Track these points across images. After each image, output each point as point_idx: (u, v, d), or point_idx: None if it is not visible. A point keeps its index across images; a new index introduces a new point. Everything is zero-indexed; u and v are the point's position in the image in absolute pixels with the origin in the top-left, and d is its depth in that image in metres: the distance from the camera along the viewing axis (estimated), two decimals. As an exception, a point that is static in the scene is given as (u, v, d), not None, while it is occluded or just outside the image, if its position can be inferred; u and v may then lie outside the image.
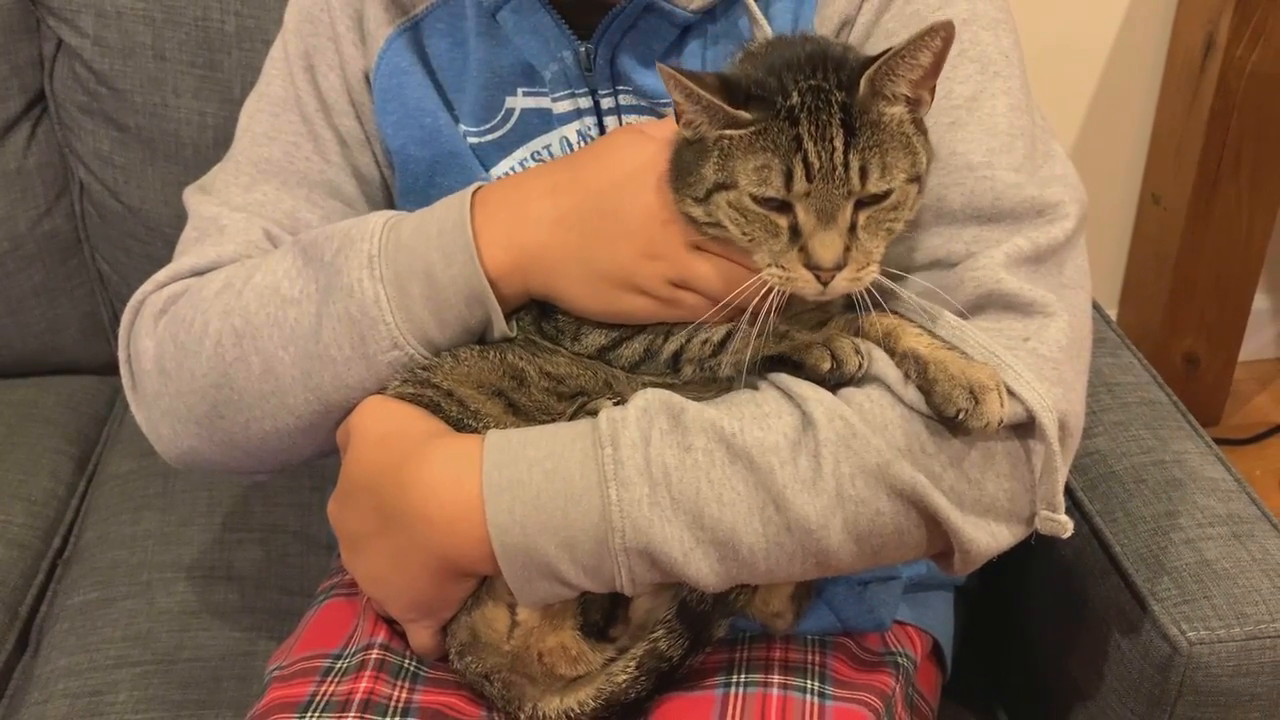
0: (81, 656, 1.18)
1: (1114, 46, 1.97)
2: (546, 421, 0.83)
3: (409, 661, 0.91)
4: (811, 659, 0.92)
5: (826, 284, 0.75)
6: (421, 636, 0.89)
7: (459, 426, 0.84)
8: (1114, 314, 2.18)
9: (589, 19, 0.89)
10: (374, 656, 0.90)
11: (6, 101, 1.44)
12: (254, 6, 1.39)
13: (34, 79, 1.45)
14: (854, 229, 0.75)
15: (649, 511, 0.75)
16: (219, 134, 1.40)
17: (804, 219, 0.74)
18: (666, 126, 0.82)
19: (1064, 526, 0.79)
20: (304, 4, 0.98)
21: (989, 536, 0.79)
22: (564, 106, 0.93)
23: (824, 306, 0.82)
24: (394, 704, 0.87)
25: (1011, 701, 1.18)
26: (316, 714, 0.86)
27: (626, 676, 0.84)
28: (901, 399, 0.77)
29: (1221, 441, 1.45)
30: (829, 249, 0.74)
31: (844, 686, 0.90)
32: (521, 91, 0.94)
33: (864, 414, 0.77)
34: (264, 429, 0.89)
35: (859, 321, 0.81)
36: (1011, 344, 0.78)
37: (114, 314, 1.55)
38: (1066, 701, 1.06)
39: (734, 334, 0.81)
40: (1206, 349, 2.11)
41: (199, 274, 0.93)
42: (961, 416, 0.75)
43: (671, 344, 0.83)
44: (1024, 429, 0.78)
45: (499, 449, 0.79)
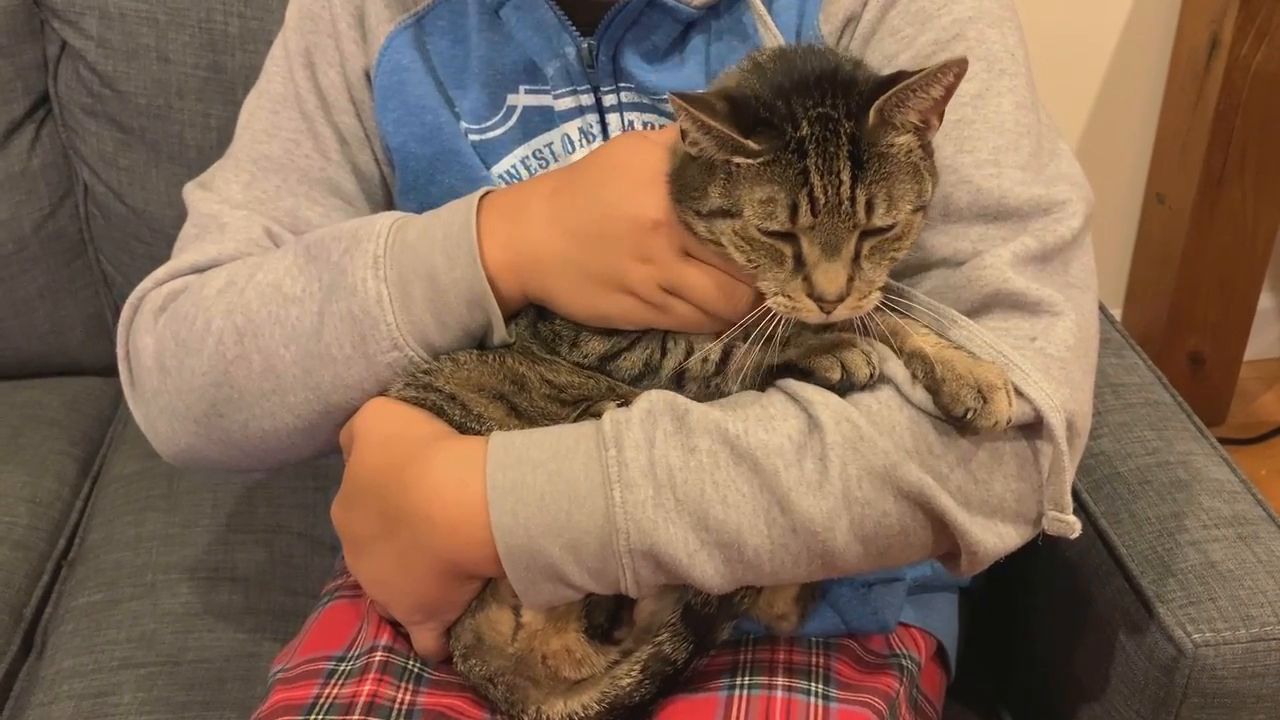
0: (86, 658, 1.18)
1: (1118, 45, 1.96)
2: (549, 425, 0.82)
3: (413, 664, 0.91)
4: (815, 661, 0.91)
5: (829, 312, 0.75)
6: (425, 639, 0.88)
7: (462, 430, 0.84)
8: (1119, 314, 2.17)
9: (591, 15, 0.89)
10: (378, 659, 0.90)
11: (11, 104, 1.44)
12: (257, 8, 1.39)
13: (38, 81, 1.45)
14: (857, 259, 0.75)
15: (653, 513, 0.75)
16: (222, 135, 1.40)
17: (808, 250, 0.74)
18: (669, 134, 0.82)
19: (1072, 527, 0.79)
20: (305, 1, 0.98)
21: (996, 537, 0.79)
22: (566, 103, 0.93)
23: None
24: (398, 706, 0.87)
25: (1016, 703, 1.18)
26: (320, 716, 0.85)
27: (631, 680, 0.84)
28: (909, 399, 0.77)
29: (1227, 442, 1.44)
30: (833, 281, 0.74)
31: (848, 688, 0.90)
32: (523, 89, 0.94)
33: (871, 416, 0.76)
34: (263, 428, 0.89)
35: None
36: (1019, 344, 0.78)
37: (118, 315, 1.53)
38: (1071, 703, 1.06)
39: (734, 351, 0.81)
40: (1211, 349, 2.11)
41: (199, 271, 0.93)
42: (970, 416, 0.75)
43: (670, 360, 0.83)
44: (1031, 429, 0.78)
45: (503, 451, 0.79)
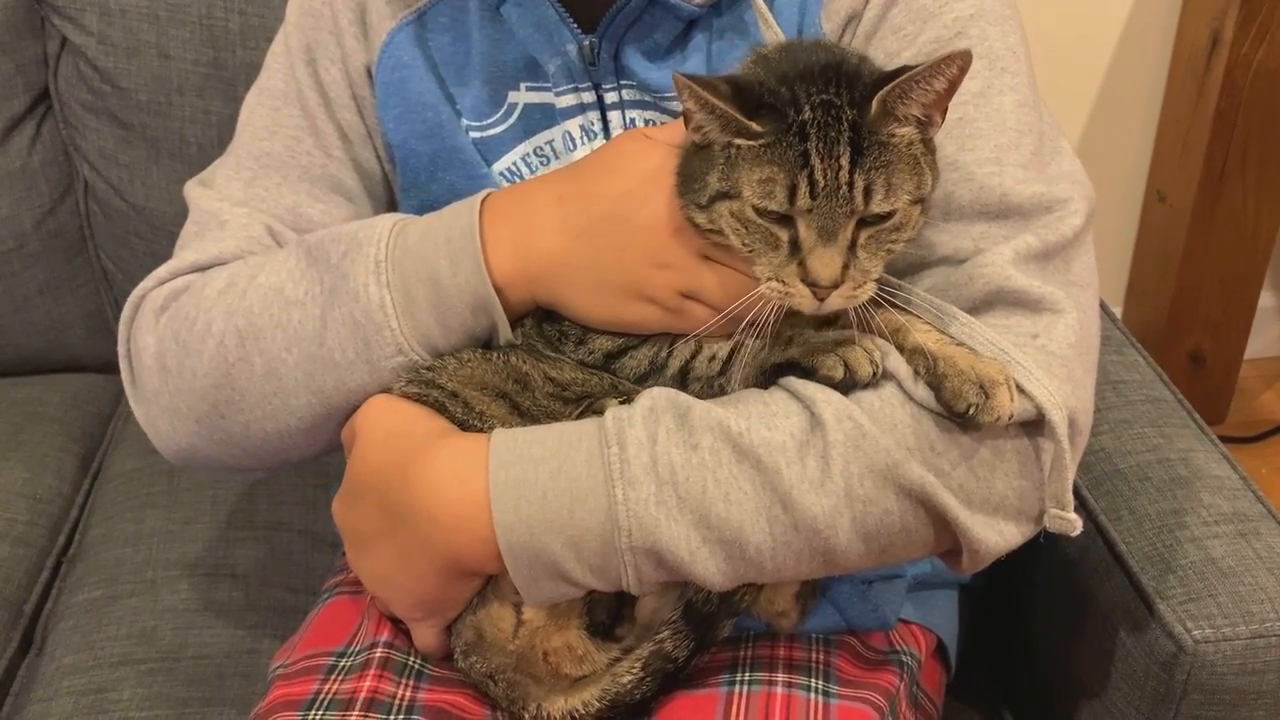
0: (86, 654, 1.18)
1: (1119, 43, 1.96)
2: (552, 423, 0.82)
3: (413, 660, 0.91)
4: (816, 657, 0.91)
5: (823, 300, 0.75)
6: (426, 635, 0.88)
7: (464, 427, 0.84)
8: (1119, 312, 2.17)
9: (593, 12, 0.89)
10: (378, 655, 0.90)
11: (11, 100, 1.44)
12: (258, 4, 1.39)
13: (38, 77, 1.45)
14: (854, 247, 0.75)
15: (655, 510, 0.75)
16: (223, 132, 1.40)
17: (805, 234, 0.74)
18: (672, 131, 0.82)
19: (1073, 524, 0.79)
20: None
21: (997, 535, 0.79)
22: (567, 101, 0.93)
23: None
24: (398, 702, 0.87)
25: (1016, 700, 1.18)
26: (320, 712, 0.85)
27: (632, 677, 0.84)
28: (911, 396, 0.77)
29: (1227, 439, 1.44)
30: (827, 266, 0.74)
31: (848, 685, 0.90)
32: (524, 86, 0.94)
33: (873, 414, 0.76)
34: (264, 429, 0.89)
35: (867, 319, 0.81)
36: (1020, 341, 0.78)
37: (118, 312, 1.53)
38: (1071, 700, 1.06)
39: (740, 350, 0.81)
40: (1212, 347, 2.11)
41: (200, 269, 0.93)
42: (972, 411, 0.75)
43: (676, 359, 0.83)
44: (1033, 427, 0.78)
45: (505, 448, 0.79)
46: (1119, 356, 1.21)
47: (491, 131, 0.95)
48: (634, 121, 0.93)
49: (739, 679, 0.88)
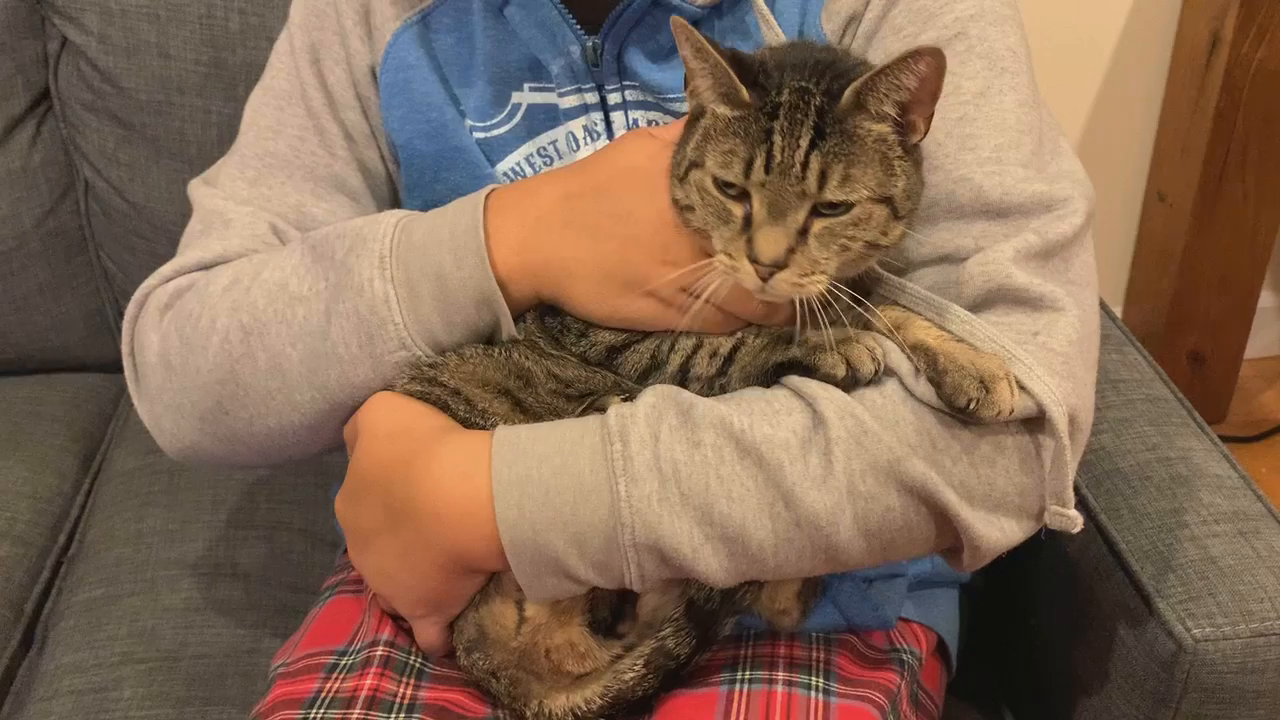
0: (86, 653, 1.18)
1: (1119, 43, 1.97)
2: (554, 420, 0.82)
3: (414, 658, 0.91)
4: (816, 656, 0.91)
5: (765, 280, 0.75)
6: (428, 633, 0.88)
7: (467, 424, 0.84)
8: (1119, 311, 2.18)
9: (596, 14, 0.89)
10: (379, 653, 0.90)
11: (11, 99, 1.44)
12: (258, 4, 1.39)
13: (39, 77, 1.45)
14: (805, 234, 0.75)
15: (658, 507, 0.75)
16: (224, 131, 1.40)
17: (756, 210, 0.75)
18: (675, 130, 0.82)
19: (1074, 521, 0.79)
20: None
21: (998, 532, 0.79)
22: (570, 101, 0.93)
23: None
24: (399, 700, 0.87)
25: (1016, 698, 1.18)
26: (321, 710, 0.85)
27: (634, 675, 0.84)
28: (913, 393, 0.77)
29: (1227, 439, 1.45)
30: (771, 244, 0.74)
31: (849, 684, 0.90)
32: (528, 86, 0.94)
33: (875, 410, 0.77)
34: (268, 425, 0.89)
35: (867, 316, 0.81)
36: (1021, 338, 0.78)
37: (119, 312, 1.55)
38: (1071, 698, 1.06)
39: (740, 348, 0.81)
40: (1212, 346, 2.11)
41: (205, 268, 0.93)
42: (973, 406, 0.75)
43: (677, 355, 0.83)
44: (1034, 424, 0.78)
45: (508, 445, 0.79)
46: (1119, 355, 1.22)
47: (495, 132, 0.95)
48: (637, 122, 0.94)
49: (740, 677, 0.88)
